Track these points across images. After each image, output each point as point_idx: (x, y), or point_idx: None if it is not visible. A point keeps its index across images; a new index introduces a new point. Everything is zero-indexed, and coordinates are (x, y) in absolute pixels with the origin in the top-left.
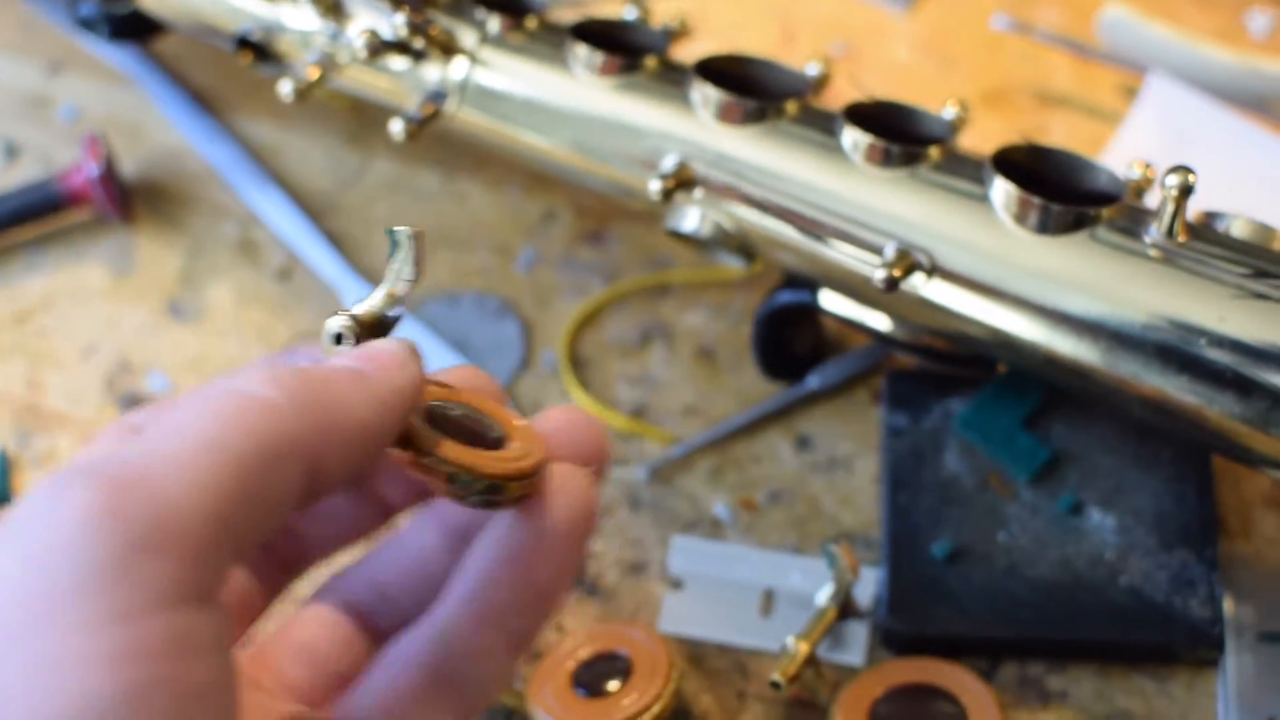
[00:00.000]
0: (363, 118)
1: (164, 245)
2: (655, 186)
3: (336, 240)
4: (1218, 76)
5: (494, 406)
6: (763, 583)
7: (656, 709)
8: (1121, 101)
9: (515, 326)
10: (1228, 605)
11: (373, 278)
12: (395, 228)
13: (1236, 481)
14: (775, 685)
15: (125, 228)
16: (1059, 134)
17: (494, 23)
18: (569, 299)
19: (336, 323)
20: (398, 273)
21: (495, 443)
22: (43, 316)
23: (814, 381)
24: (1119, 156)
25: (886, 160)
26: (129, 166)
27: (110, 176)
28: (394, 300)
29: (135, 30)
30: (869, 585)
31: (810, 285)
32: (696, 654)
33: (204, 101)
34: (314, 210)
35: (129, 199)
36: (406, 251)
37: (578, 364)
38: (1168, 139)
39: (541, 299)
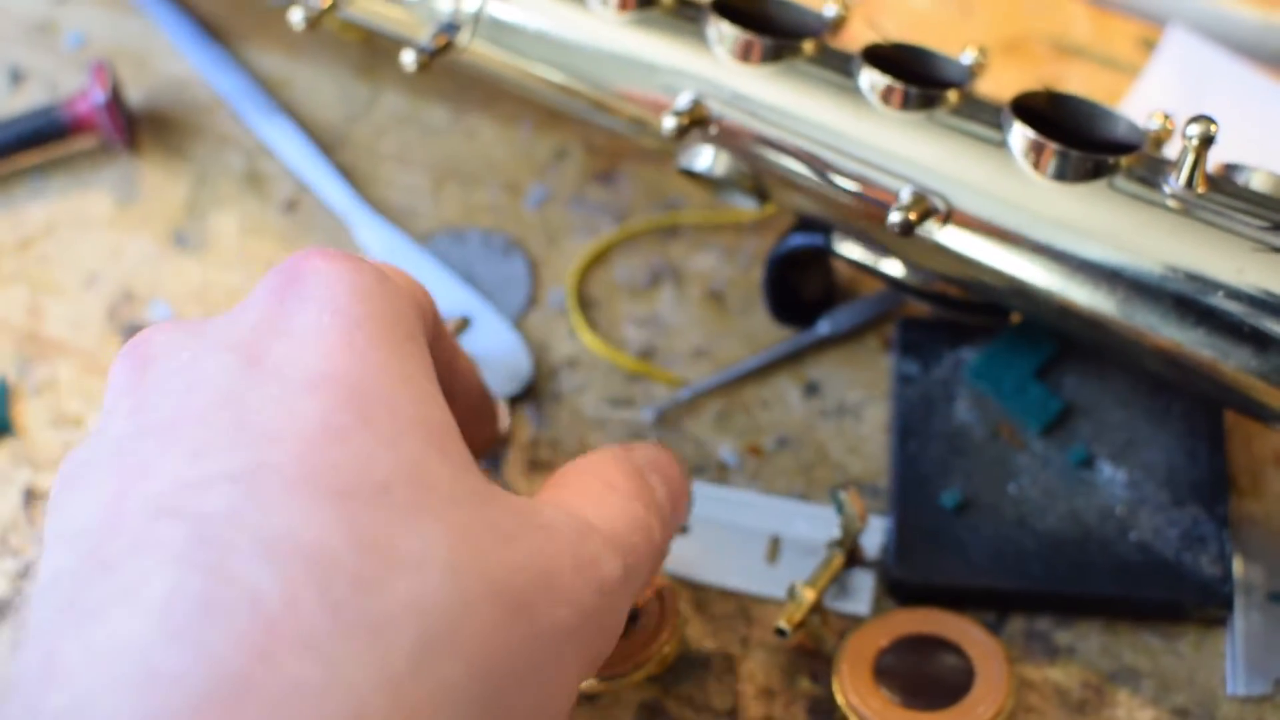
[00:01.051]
0: (373, 50)
1: (169, 174)
2: (669, 124)
3: (345, 172)
4: (1238, 30)
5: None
6: (769, 529)
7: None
8: (1140, 54)
9: (522, 263)
10: (1237, 564)
11: (381, 210)
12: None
13: (1248, 439)
14: (780, 632)
15: (130, 156)
16: (1076, 84)
17: None
18: (578, 238)
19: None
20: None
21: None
22: (45, 244)
23: (824, 327)
24: (1136, 108)
25: (904, 103)
26: (135, 95)
27: (116, 104)
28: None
29: None
30: (876, 534)
31: (823, 229)
32: (701, 599)
33: (212, 30)
34: (323, 142)
35: (135, 127)
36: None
37: (586, 304)
38: (1186, 92)
39: (550, 237)
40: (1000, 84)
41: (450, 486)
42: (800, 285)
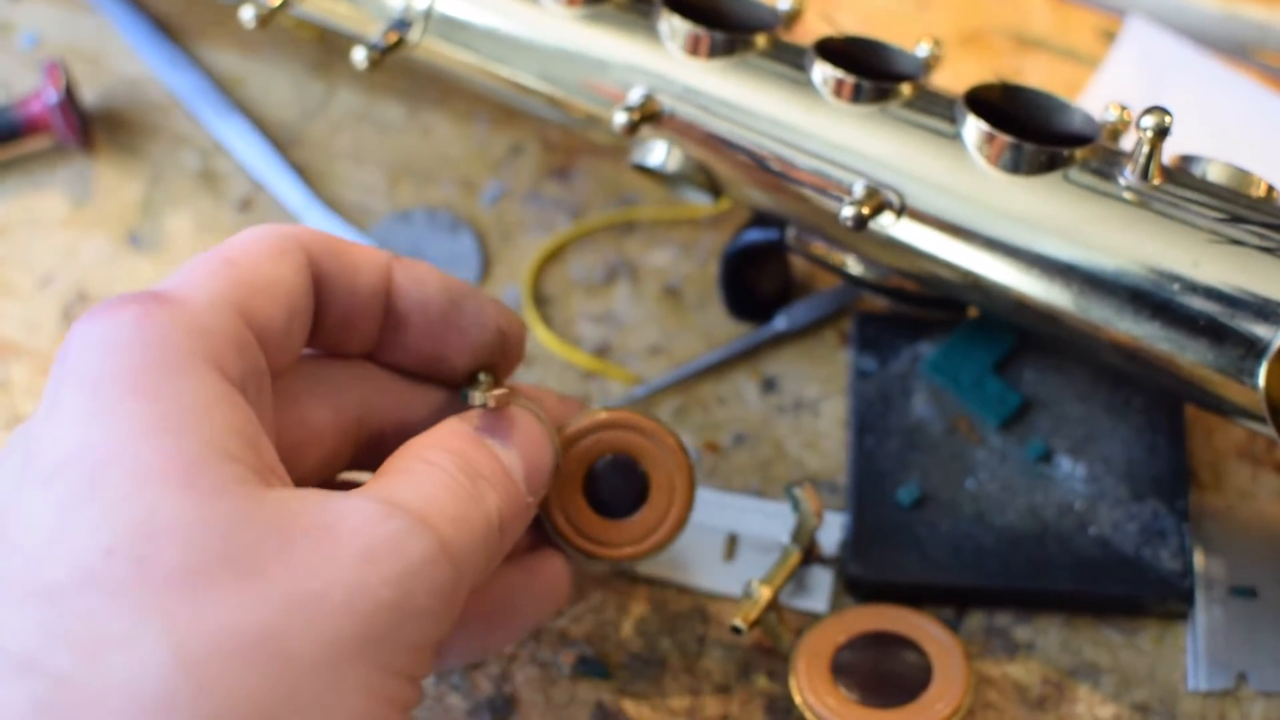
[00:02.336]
0: (328, 48)
1: (124, 174)
2: (620, 119)
3: (299, 170)
4: (1197, 21)
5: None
6: (726, 526)
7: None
8: (1100, 45)
9: (470, 239)
10: (1198, 558)
11: (335, 208)
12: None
13: (1210, 432)
14: (736, 630)
15: (85, 156)
16: (1036, 77)
17: None
18: (534, 234)
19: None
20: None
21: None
22: None
23: (781, 322)
24: (1096, 100)
25: (856, 96)
26: (90, 94)
27: (70, 103)
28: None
29: None
30: (834, 531)
31: (779, 224)
32: (657, 597)
33: (167, 29)
34: (277, 140)
35: (89, 127)
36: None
37: (541, 301)
38: (1146, 83)
39: (506, 234)
40: (959, 76)
41: (188, 531)
42: (756, 281)
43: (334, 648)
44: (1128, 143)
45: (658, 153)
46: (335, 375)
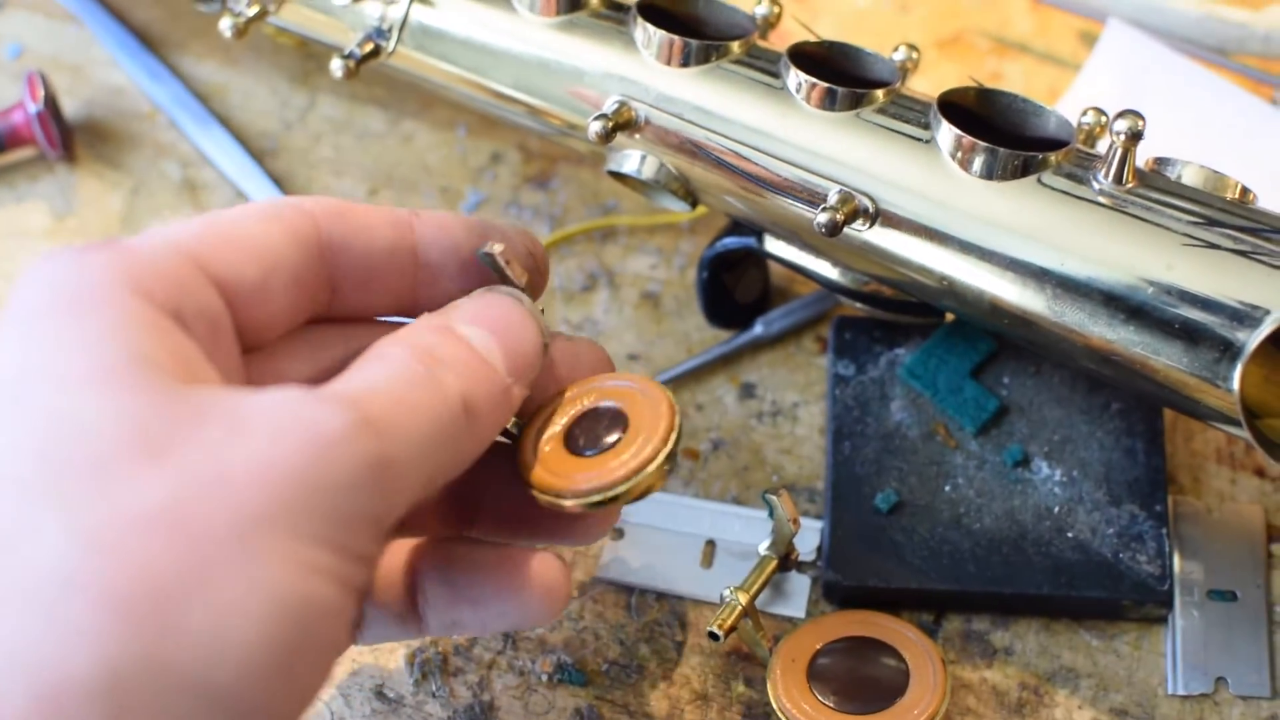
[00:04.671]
0: (309, 57)
1: (106, 185)
2: (596, 127)
3: (280, 180)
4: (1177, 24)
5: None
6: (704, 533)
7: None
8: (1080, 48)
9: None
10: (1177, 562)
11: None
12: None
13: (1188, 436)
14: (713, 636)
15: (66, 167)
16: (1016, 81)
17: None
18: None
19: None
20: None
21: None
22: None
23: (759, 329)
24: (1076, 104)
25: (830, 102)
26: (71, 105)
27: (51, 115)
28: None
29: None
30: (812, 537)
31: (756, 230)
32: (636, 604)
33: (148, 40)
34: (258, 150)
35: (71, 138)
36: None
37: None
38: (1126, 86)
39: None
40: (939, 80)
41: (99, 424)
42: (735, 287)
43: (241, 517)
44: (1105, 146)
45: (633, 160)
46: (323, 335)
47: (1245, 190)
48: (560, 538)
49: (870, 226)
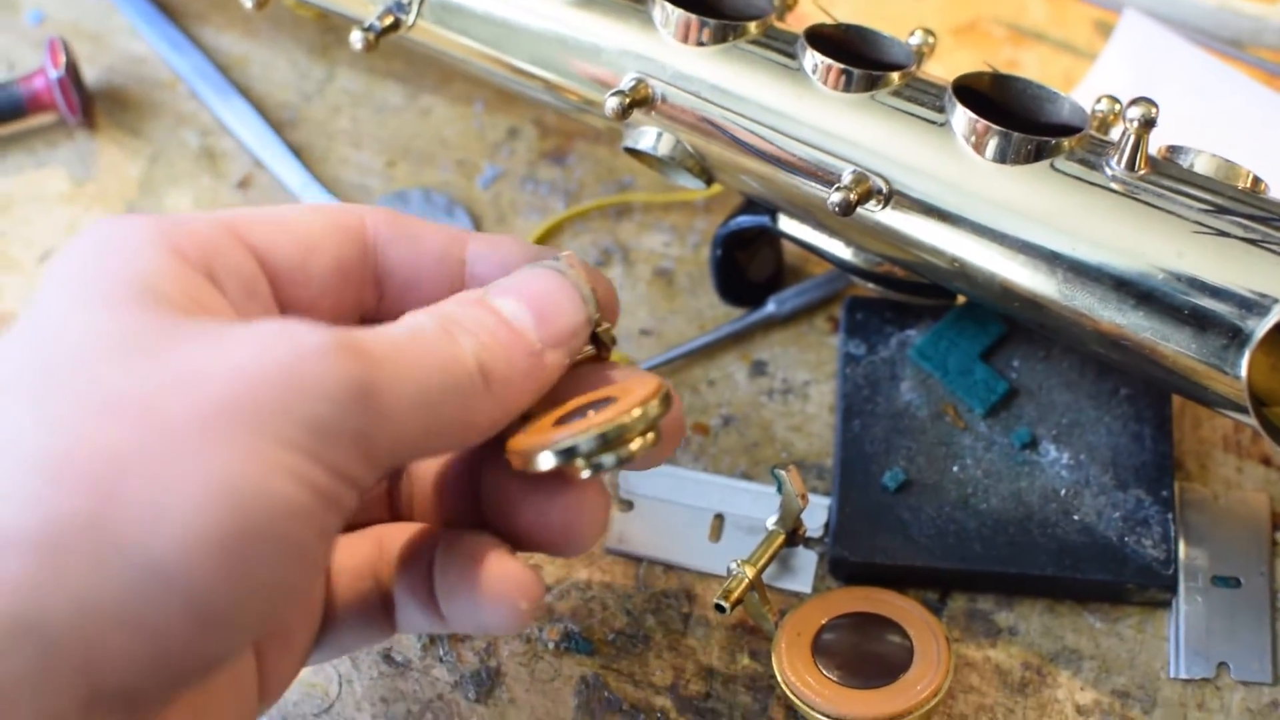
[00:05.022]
0: (329, 29)
1: (125, 152)
2: (612, 103)
3: (299, 151)
4: (1193, 15)
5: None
6: (713, 507)
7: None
8: (1096, 37)
9: (466, 220)
10: (1182, 547)
11: (333, 188)
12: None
13: (1197, 422)
14: (719, 608)
15: (86, 133)
16: (1032, 69)
17: None
18: (529, 217)
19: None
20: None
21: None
22: (1, 221)
23: (772, 307)
24: (1091, 92)
25: (846, 84)
26: (93, 73)
27: (72, 81)
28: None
29: None
30: (819, 513)
31: (770, 209)
32: (644, 575)
33: (170, 10)
34: (277, 120)
35: (91, 105)
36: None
37: None
38: (1140, 76)
39: (502, 216)
40: (954, 67)
41: (90, 330)
42: (748, 265)
43: (207, 409)
44: (1118, 133)
45: (649, 137)
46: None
47: (1257, 180)
48: (550, 540)
49: (883, 207)
